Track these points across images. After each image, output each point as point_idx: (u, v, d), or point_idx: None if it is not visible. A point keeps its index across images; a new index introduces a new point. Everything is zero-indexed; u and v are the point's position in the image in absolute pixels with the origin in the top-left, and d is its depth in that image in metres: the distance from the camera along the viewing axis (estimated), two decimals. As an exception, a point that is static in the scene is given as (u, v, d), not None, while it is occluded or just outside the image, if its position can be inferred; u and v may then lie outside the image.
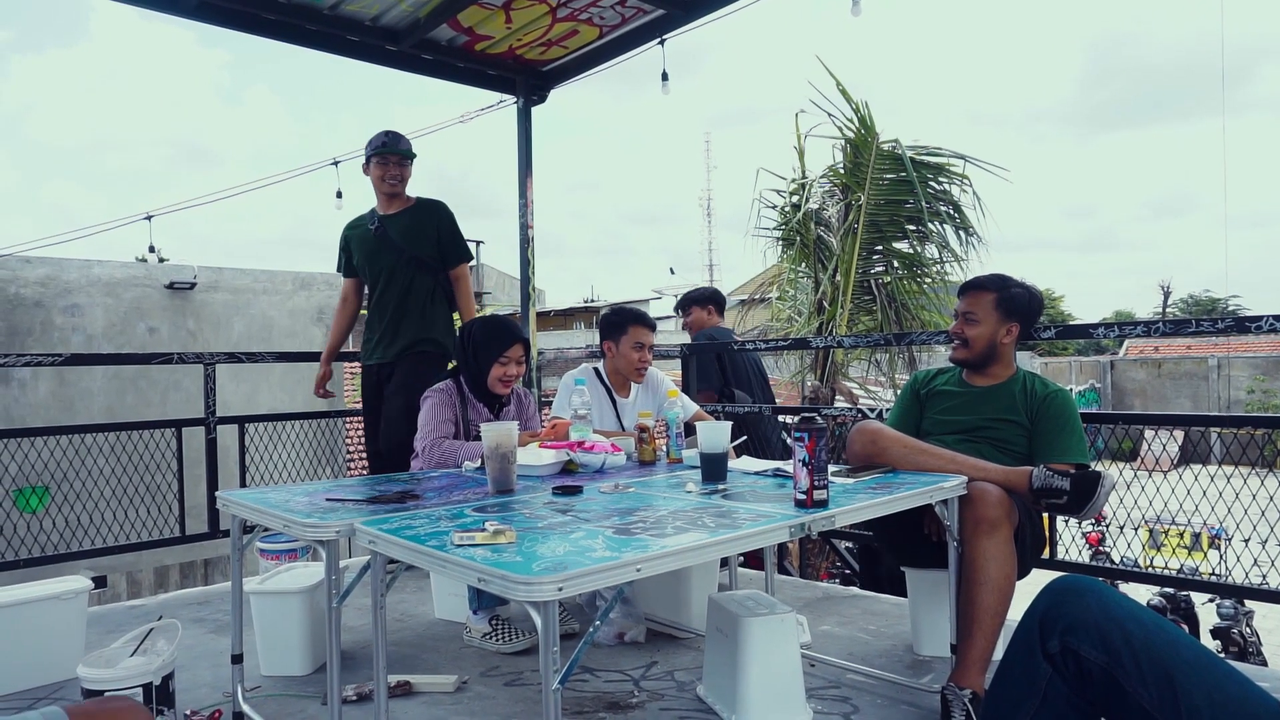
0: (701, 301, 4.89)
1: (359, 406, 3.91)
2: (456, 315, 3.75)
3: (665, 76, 4.21)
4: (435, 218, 3.66)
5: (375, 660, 1.73)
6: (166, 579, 8.01)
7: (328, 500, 2.00)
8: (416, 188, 3.90)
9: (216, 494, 2.22)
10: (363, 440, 4.05)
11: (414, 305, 3.59)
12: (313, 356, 4.11)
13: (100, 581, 2.76)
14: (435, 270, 3.63)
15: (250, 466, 4.14)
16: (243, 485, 4.07)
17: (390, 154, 3.58)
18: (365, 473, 4.01)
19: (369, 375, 3.67)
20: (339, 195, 5.91)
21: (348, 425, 7.23)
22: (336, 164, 6.34)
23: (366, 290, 3.75)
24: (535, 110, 4.86)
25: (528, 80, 4.75)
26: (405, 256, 3.57)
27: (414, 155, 3.66)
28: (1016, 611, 2.19)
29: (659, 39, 4.19)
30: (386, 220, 3.62)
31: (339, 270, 3.80)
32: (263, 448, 4.22)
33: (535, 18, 4.11)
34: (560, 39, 4.37)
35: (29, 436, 3.60)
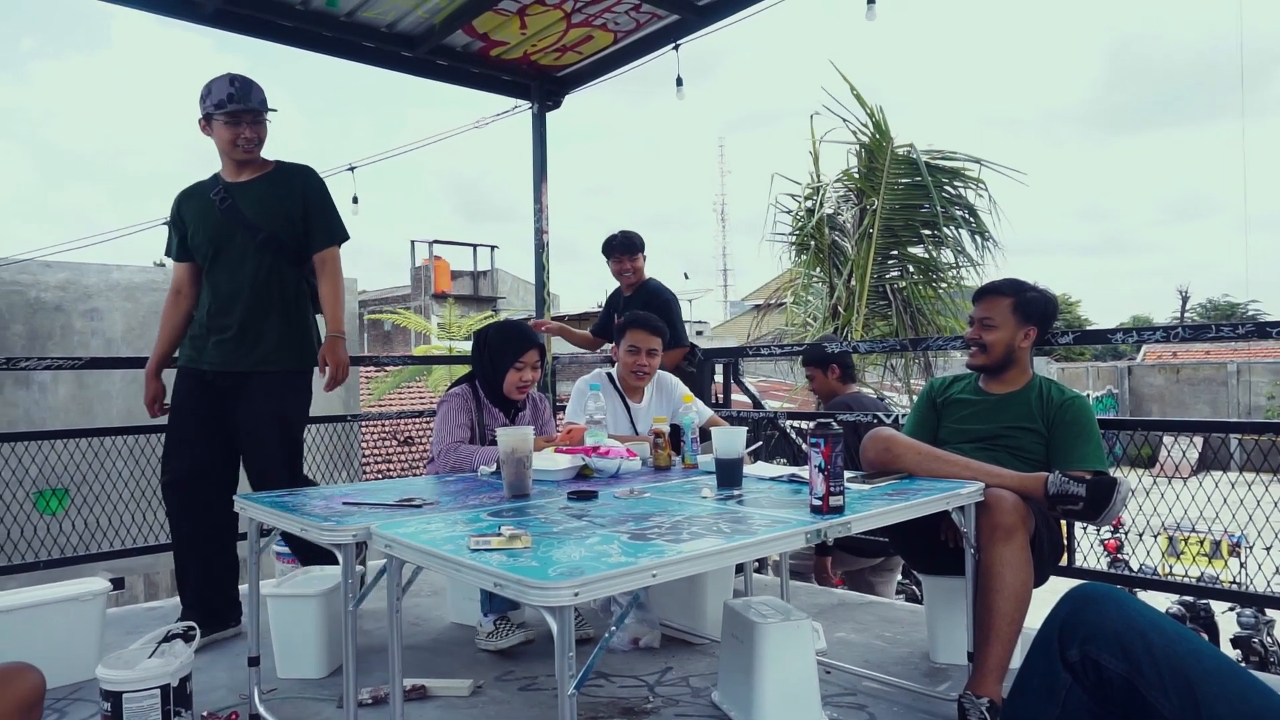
0: (819, 362, 4.10)
1: (376, 410, 3.88)
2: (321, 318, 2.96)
3: (680, 82, 4.22)
4: (301, 186, 2.85)
5: (391, 664, 1.73)
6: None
7: (344, 504, 2.01)
8: (435, 191, 3.85)
9: (235, 497, 2.23)
10: (377, 444, 4.03)
11: (274, 302, 2.80)
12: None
13: (118, 583, 2.78)
14: (299, 258, 2.86)
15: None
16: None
17: (244, 111, 2.74)
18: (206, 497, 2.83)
19: (193, 381, 2.80)
20: (355, 201, 5.93)
21: (363, 429, 7.26)
22: (352, 169, 6.37)
23: (206, 277, 2.85)
24: (550, 115, 4.88)
25: (542, 86, 4.77)
26: (261, 237, 2.76)
27: (273, 109, 2.81)
28: (1034, 619, 2.18)
29: (673, 44, 4.20)
30: (236, 190, 2.80)
31: (168, 254, 2.92)
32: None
33: (550, 23, 4.13)
34: (575, 44, 4.39)
35: (49, 439, 3.64)
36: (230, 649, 2.77)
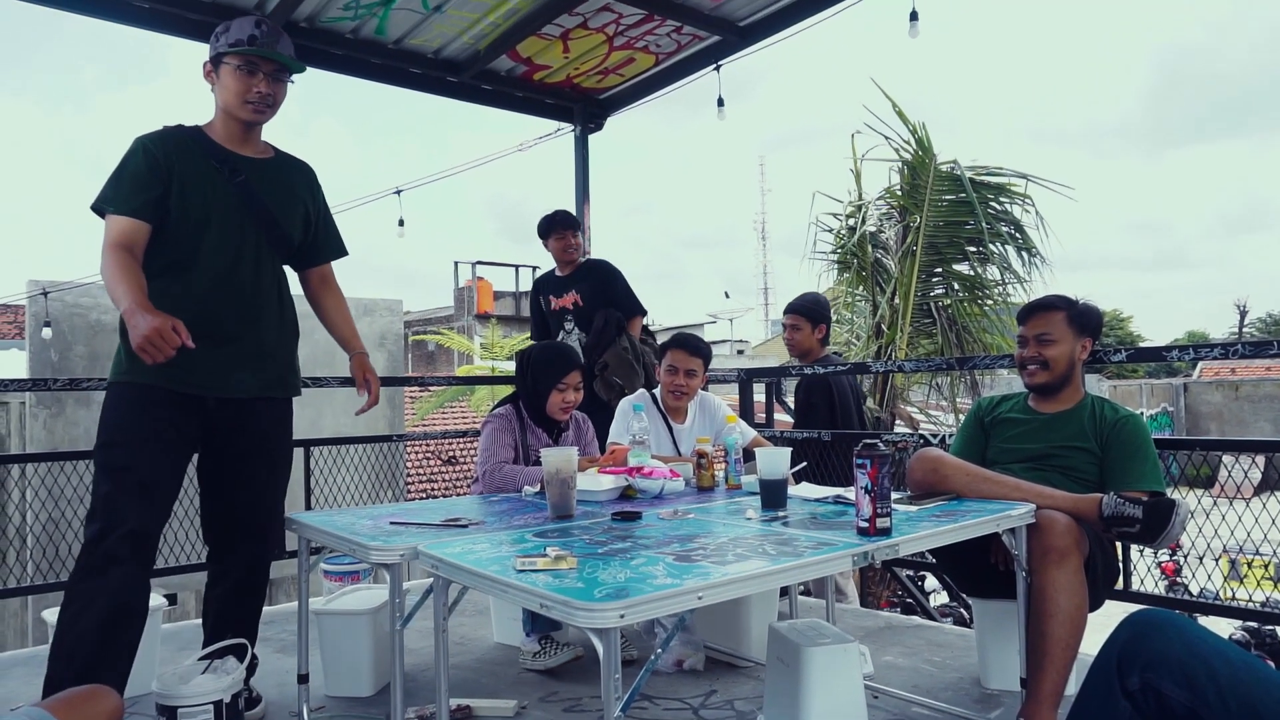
0: (814, 317, 3.95)
1: (421, 430, 3.87)
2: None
3: (721, 102, 4.24)
4: (310, 184, 2.44)
5: (438, 684, 1.74)
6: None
7: (391, 524, 2.03)
8: (479, 213, 3.89)
9: (287, 516, 2.27)
10: (421, 463, 4.03)
11: (288, 315, 2.38)
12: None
13: (171, 599, 2.84)
14: (283, 264, 2.41)
15: (314, 489, 4.23)
16: (308, 508, 4.16)
17: (265, 59, 2.20)
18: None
19: (173, 408, 2.13)
20: (400, 224, 6.06)
21: (407, 449, 7.35)
22: (399, 193, 6.50)
23: (187, 264, 2.18)
24: (591, 136, 4.93)
25: (585, 108, 4.83)
26: (277, 234, 2.30)
27: (299, 69, 2.28)
28: (1089, 645, 2.12)
29: (714, 65, 4.23)
30: (247, 167, 2.27)
31: (112, 206, 2.12)
32: (327, 471, 4.32)
33: (592, 47, 4.19)
34: (617, 67, 4.44)
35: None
36: (280, 666, 2.81)
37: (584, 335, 4.10)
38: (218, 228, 2.20)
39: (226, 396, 2.22)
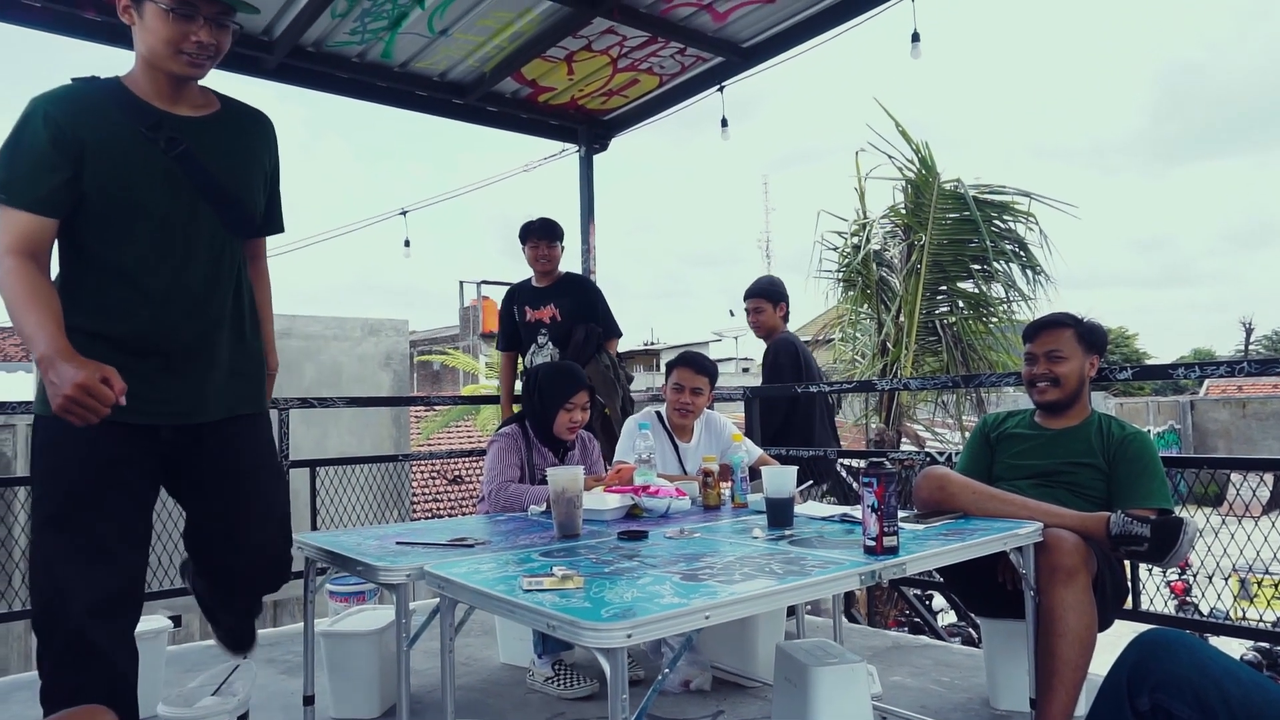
0: (773, 297, 4.21)
1: (425, 450, 3.87)
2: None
3: (725, 123, 4.27)
4: (264, 143, 1.94)
5: (444, 705, 1.74)
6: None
7: (398, 544, 2.03)
8: (483, 233, 3.89)
9: (294, 536, 2.27)
10: (427, 482, 4.03)
11: (252, 315, 1.94)
12: (382, 401, 4.18)
13: (176, 621, 2.83)
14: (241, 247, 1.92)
15: (320, 509, 4.23)
16: (313, 528, 4.16)
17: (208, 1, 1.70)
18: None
19: (116, 444, 1.69)
20: (407, 244, 6.09)
21: (413, 469, 7.35)
22: (405, 213, 6.55)
23: (112, 260, 1.71)
24: (595, 156, 4.97)
25: (589, 129, 4.87)
26: (233, 214, 1.82)
27: (252, 9, 1.81)
28: (1098, 665, 2.11)
29: (718, 86, 4.26)
30: (187, 129, 1.76)
31: (1, 194, 1.63)
32: (332, 490, 4.31)
33: (597, 69, 4.23)
34: (621, 88, 4.48)
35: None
36: (285, 688, 2.80)
37: (556, 350, 4.00)
38: (155, 216, 1.70)
39: (186, 424, 1.78)
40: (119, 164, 1.68)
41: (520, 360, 4.24)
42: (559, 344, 4.00)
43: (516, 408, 4.39)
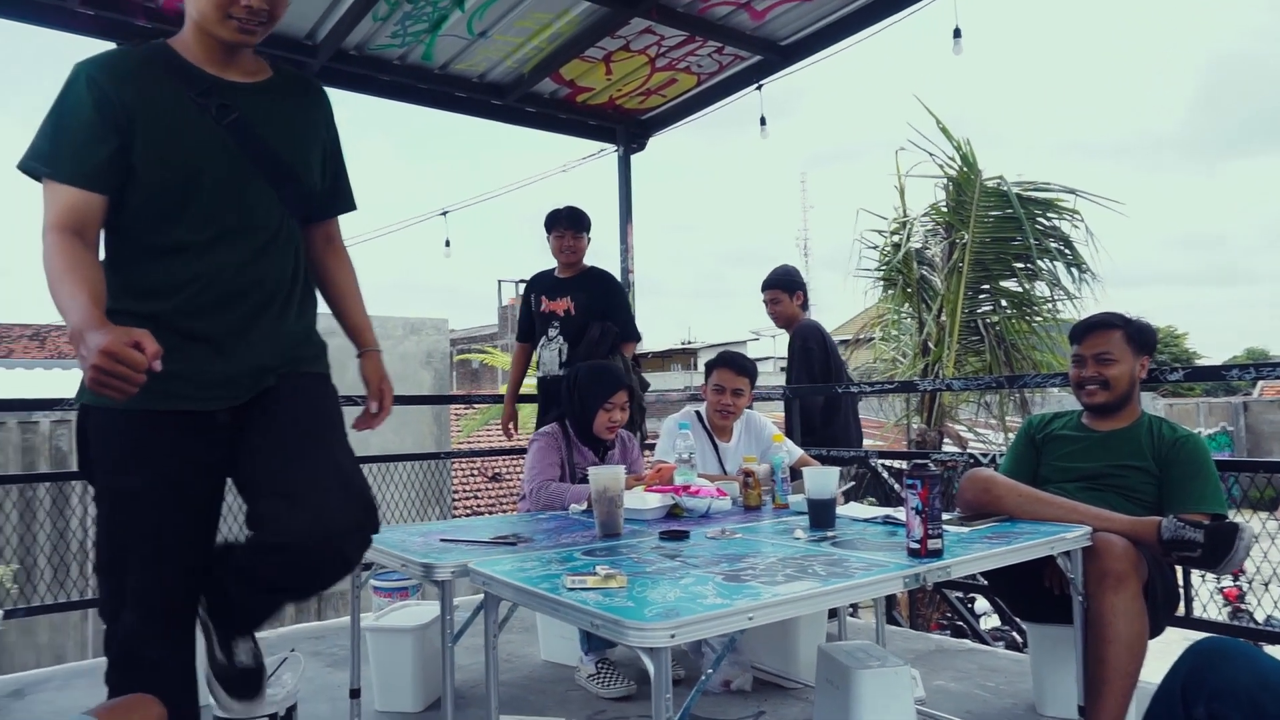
0: (789, 287, 4.17)
1: (466, 447, 3.78)
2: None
3: (763, 121, 4.25)
4: (323, 113, 1.82)
5: (489, 701, 1.76)
6: (283, 612, 8.34)
7: (442, 540, 2.06)
8: (522, 232, 3.88)
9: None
10: (466, 479, 3.99)
11: (310, 297, 1.82)
12: (423, 400, 4.21)
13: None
14: (301, 226, 1.79)
15: (364, 506, 4.29)
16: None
17: None
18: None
19: (170, 436, 1.57)
20: (447, 244, 6.16)
21: (453, 466, 7.43)
22: (445, 214, 6.61)
23: (166, 242, 1.58)
24: (633, 155, 4.97)
25: (627, 129, 4.87)
26: (291, 188, 1.69)
27: None
28: (1149, 672, 2.07)
29: (756, 85, 4.24)
30: (240, 96, 1.65)
31: (46, 167, 1.52)
32: (375, 488, 4.37)
33: (635, 69, 4.23)
34: (659, 88, 4.48)
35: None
36: (332, 680, 2.85)
37: (565, 346, 3.83)
38: (205, 188, 1.58)
39: (239, 403, 1.62)
40: (167, 132, 1.56)
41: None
42: (570, 339, 3.82)
43: (525, 407, 4.31)
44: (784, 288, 4.17)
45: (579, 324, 3.81)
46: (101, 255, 1.58)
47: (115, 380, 1.27)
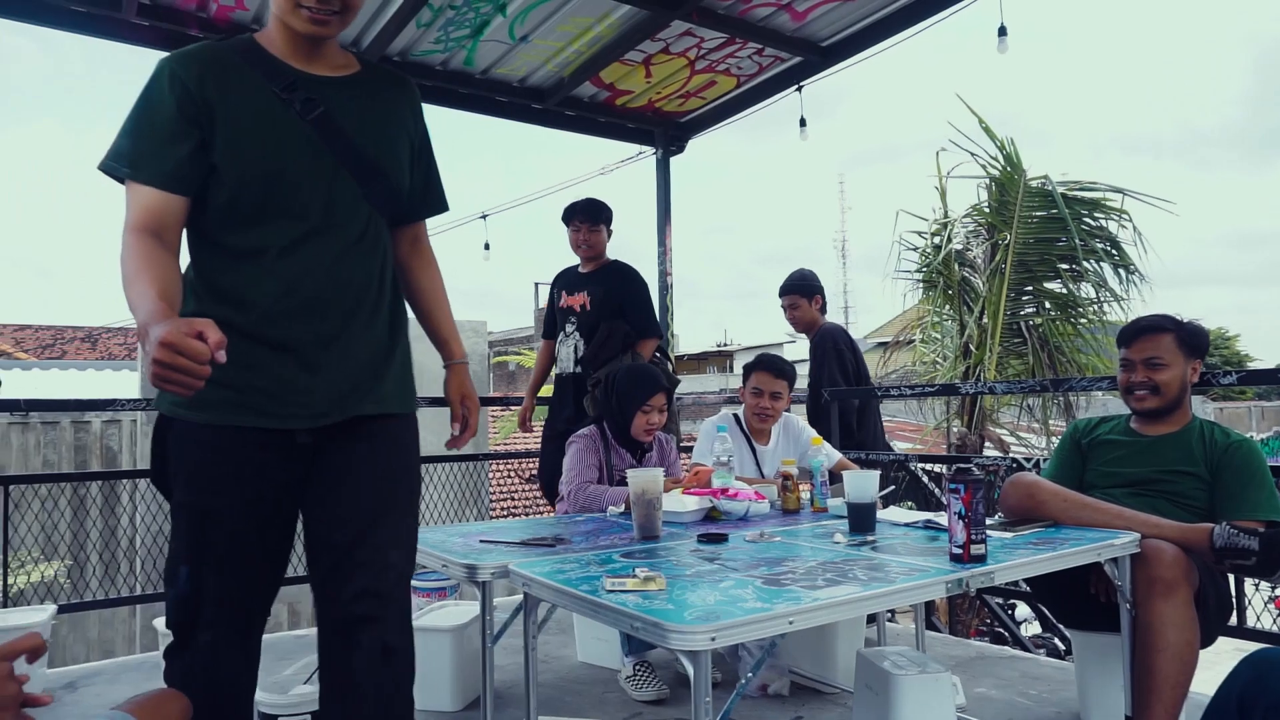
0: (808, 291, 4.10)
1: (504, 449, 3.80)
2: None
3: (803, 123, 4.23)
4: (411, 110, 1.73)
5: (528, 700, 1.77)
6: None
7: (481, 542, 2.08)
8: (559, 235, 3.89)
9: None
10: (503, 481, 3.96)
11: (398, 304, 1.71)
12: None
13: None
14: (390, 226, 1.70)
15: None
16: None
17: None
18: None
19: (248, 455, 1.51)
20: (486, 247, 6.21)
21: (491, 468, 7.48)
22: (485, 217, 6.68)
23: (251, 245, 1.52)
24: (672, 158, 4.97)
25: (666, 131, 4.88)
26: (379, 185, 1.61)
27: None
28: (1199, 683, 2.02)
29: (796, 86, 4.22)
30: (324, 91, 1.58)
31: (128, 168, 1.48)
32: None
33: (674, 71, 4.24)
34: (698, 90, 4.48)
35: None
36: (371, 678, 2.89)
37: (580, 342, 3.74)
38: (289, 187, 1.51)
39: (322, 426, 1.55)
40: (248, 127, 1.50)
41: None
42: (586, 335, 3.73)
43: (538, 412, 4.25)
44: (802, 292, 4.13)
45: (595, 319, 3.73)
46: (185, 260, 1.54)
47: (177, 374, 1.19)
